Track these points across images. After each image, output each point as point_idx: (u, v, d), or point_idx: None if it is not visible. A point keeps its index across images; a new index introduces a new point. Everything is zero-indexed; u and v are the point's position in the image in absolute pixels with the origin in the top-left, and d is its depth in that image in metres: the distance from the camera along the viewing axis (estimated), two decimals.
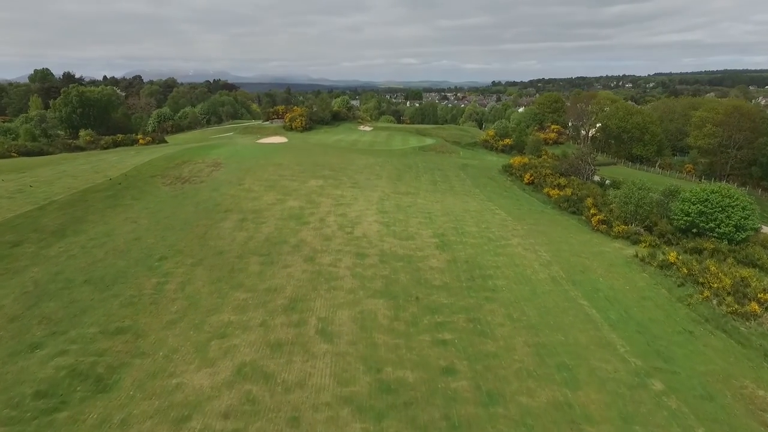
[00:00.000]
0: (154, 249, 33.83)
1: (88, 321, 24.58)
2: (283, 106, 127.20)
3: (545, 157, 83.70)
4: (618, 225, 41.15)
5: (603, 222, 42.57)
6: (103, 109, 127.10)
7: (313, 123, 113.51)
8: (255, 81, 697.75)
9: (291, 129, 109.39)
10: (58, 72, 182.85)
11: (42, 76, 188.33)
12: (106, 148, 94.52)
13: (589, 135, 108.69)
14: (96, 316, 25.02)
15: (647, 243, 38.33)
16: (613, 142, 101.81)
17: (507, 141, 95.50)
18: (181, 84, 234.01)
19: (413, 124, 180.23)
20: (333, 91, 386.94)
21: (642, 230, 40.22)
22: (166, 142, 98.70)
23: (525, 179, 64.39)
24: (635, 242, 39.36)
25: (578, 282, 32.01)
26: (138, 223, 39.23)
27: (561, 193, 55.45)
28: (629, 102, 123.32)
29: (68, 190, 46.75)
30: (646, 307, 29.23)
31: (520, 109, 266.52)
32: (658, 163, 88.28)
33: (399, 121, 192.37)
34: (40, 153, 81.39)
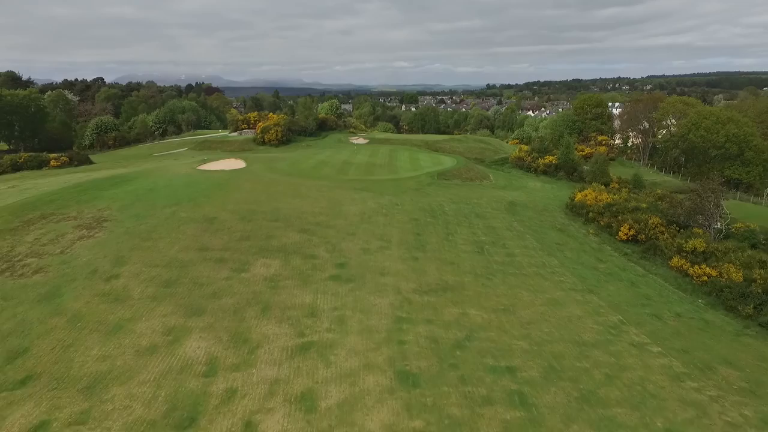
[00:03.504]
0: None
1: None
2: (256, 113, 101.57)
3: (615, 185, 59.15)
4: None
5: None
6: (31, 117, 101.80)
7: (292, 134, 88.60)
8: (247, 85, 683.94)
9: (263, 143, 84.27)
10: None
11: (3, 79, 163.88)
12: (2, 173, 69.30)
13: (648, 149, 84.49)
14: None
15: None
16: (683, 158, 77.52)
17: (550, 159, 70.87)
18: (163, 86, 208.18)
19: (414, 132, 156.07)
20: (324, 95, 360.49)
21: None
22: (90, 162, 72.98)
23: (621, 234, 39.60)
24: None
25: None
26: None
27: (715, 275, 30.63)
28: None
29: None
30: None
31: (529, 113, 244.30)
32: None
33: (397, 128, 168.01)
34: None
